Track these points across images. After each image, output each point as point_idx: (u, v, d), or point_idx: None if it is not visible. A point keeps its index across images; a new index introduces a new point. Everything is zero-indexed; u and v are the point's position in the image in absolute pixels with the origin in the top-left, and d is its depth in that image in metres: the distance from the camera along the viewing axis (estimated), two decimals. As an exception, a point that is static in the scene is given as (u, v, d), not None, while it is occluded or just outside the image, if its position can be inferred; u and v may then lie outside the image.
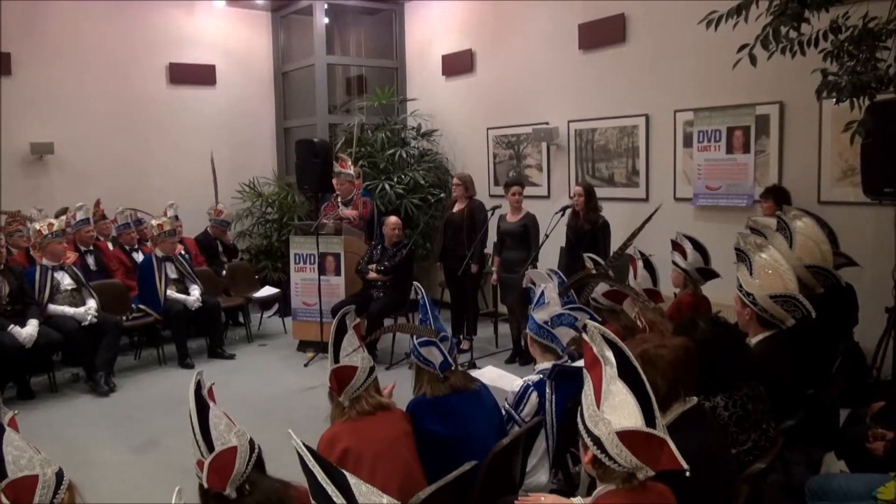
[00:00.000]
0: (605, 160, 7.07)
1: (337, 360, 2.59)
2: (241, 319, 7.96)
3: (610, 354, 1.75)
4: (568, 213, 6.31)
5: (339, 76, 9.69)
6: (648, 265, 4.31)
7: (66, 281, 6.18)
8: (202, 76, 9.00)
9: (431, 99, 8.96)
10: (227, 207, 8.31)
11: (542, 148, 7.68)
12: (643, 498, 1.73)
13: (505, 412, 3.06)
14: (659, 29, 6.44)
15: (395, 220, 6.82)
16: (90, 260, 6.95)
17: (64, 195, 7.71)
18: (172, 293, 6.74)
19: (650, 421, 1.66)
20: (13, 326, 5.56)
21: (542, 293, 3.23)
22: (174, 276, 6.85)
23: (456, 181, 6.93)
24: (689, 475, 1.62)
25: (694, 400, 2.25)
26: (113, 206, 7.55)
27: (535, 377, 3.07)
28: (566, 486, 2.89)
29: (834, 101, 3.67)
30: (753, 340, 3.19)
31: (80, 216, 6.96)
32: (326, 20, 9.02)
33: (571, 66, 7.26)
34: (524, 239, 6.42)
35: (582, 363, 1.82)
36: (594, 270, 4.02)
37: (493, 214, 6.60)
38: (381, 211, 7.69)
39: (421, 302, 2.94)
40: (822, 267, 3.91)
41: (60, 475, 1.70)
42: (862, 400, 3.55)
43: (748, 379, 2.66)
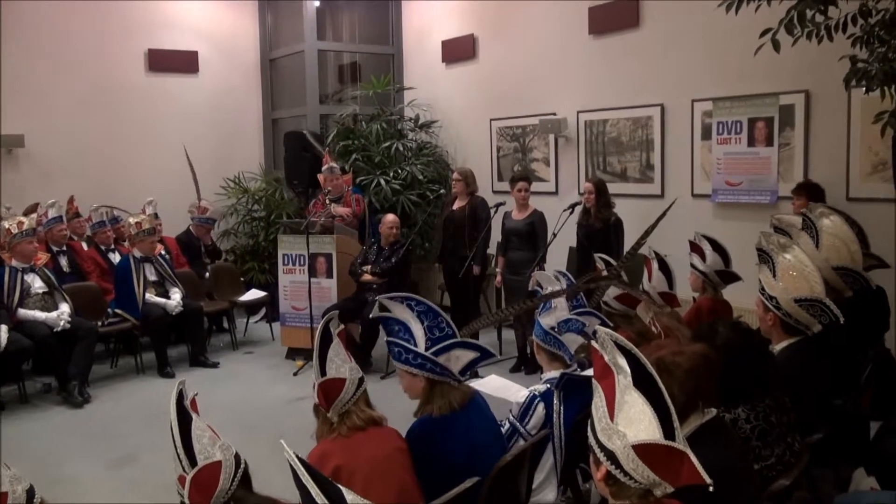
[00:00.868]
0: (617, 154, 7.07)
1: (324, 372, 2.55)
2: (225, 325, 7.96)
3: (623, 362, 1.74)
4: (577, 210, 6.32)
5: (330, 63, 9.70)
6: (664, 266, 4.31)
7: (37, 284, 6.17)
8: (183, 63, 9.00)
9: (430, 88, 8.96)
10: (211, 204, 8.32)
11: (549, 140, 7.68)
12: (660, 516, 1.73)
13: (510, 425, 3.06)
14: (675, 12, 6.44)
15: (392, 218, 6.83)
16: (63, 261, 6.96)
17: (35, 191, 7.71)
18: (151, 297, 6.74)
19: (669, 433, 1.66)
20: (-20, 332, 5.56)
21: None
22: (153, 278, 6.85)
23: (456, 176, 6.93)
24: (711, 490, 1.62)
25: (713, 412, 2.25)
26: (88, 202, 7.55)
27: (541, 387, 3.07)
28: (575, 504, 2.89)
29: (863, 90, 3.67)
30: (777, 348, 3.19)
31: (52, 214, 6.96)
32: (317, 3, 9.03)
33: (581, 52, 7.26)
34: (530, 238, 6.42)
35: (591, 372, 1.82)
36: (606, 272, 4.02)
37: (496, 212, 6.61)
38: (375, 208, 7.70)
39: (422, 308, 2.80)
40: (850, 268, 3.91)
41: (31, 493, 1.70)
42: (894, 411, 3.54)
43: (772, 389, 2.66)
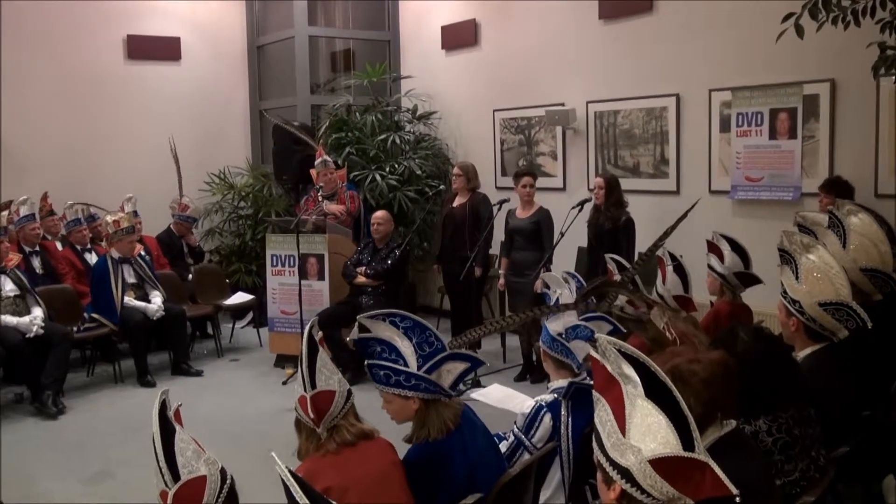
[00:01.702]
0: (629, 147, 7.08)
1: (314, 384, 2.52)
2: (209, 330, 7.96)
3: (631, 371, 1.73)
4: (586, 208, 6.32)
5: (322, 50, 9.70)
6: (679, 268, 4.31)
7: (8, 286, 6.17)
8: (165, 50, 9.00)
9: (429, 77, 8.96)
10: (193, 202, 8.32)
11: (556, 133, 7.68)
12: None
13: (514, 437, 3.06)
14: (691, -4, 6.45)
15: (381, 214, 6.81)
16: (36, 262, 6.96)
17: (5, 187, 7.69)
18: (131, 300, 6.74)
19: (688, 444, 1.65)
20: (-53, 339, 5.57)
21: (556, 300, 3.24)
22: (133, 280, 6.85)
23: (457, 171, 6.94)
24: (738, 501, 1.61)
25: (732, 423, 2.25)
26: (62, 199, 7.55)
27: (548, 397, 3.08)
28: (585, 522, 2.89)
29: (893, 78, 3.67)
30: (801, 355, 3.19)
31: (24, 211, 6.96)
32: (308, -14, 9.04)
33: (591, 38, 7.26)
34: (536, 238, 6.43)
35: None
36: (617, 276, 4.02)
37: (499, 209, 6.61)
38: (370, 206, 7.70)
39: (408, 324, 2.72)
40: (880, 270, 3.91)
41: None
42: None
43: (795, 399, 2.66)
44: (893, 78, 3.63)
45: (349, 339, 2.81)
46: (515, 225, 6.55)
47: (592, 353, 1.75)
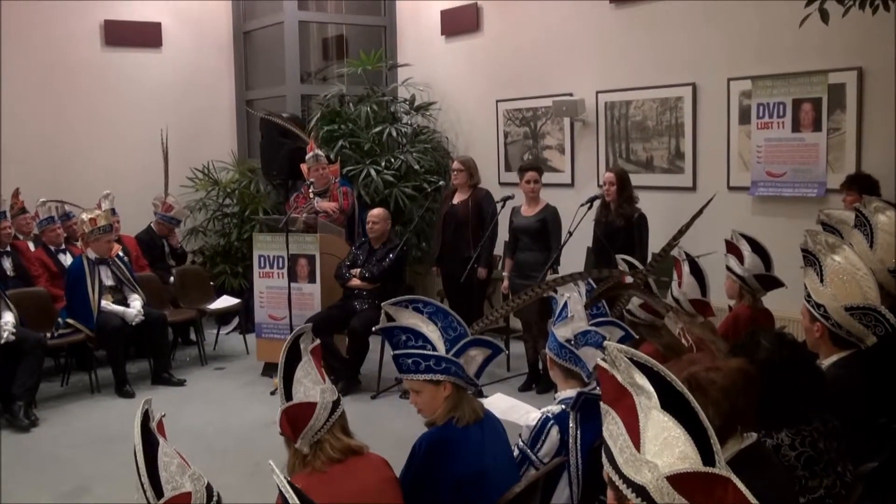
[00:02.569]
0: (642, 140, 7.08)
1: (289, 395, 2.51)
2: (192, 337, 7.97)
3: (644, 381, 1.72)
4: (596, 205, 6.32)
5: (313, 36, 9.71)
6: (696, 270, 4.31)
7: (-24, 289, 6.18)
8: (145, 37, 9.01)
9: (428, 65, 8.97)
10: (177, 202, 8.32)
11: (564, 125, 7.69)
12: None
13: (519, 451, 3.06)
14: (709, -22, 6.46)
15: (377, 212, 6.81)
16: (6, 263, 6.96)
17: (-26, 183, 7.73)
18: (108, 304, 6.74)
19: (708, 457, 1.65)
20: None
21: (564, 304, 3.24)
22: (110, 283, 6.85)
23: (457, 166, 6.95)
24: None
25: (753, 436, 2.25)
26: (34, 196, 7.56)
27: (555, 408, 3.08)
28: (595, 542, 2.90)
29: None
30: (826, 363, 3.19)
31: (-7, 209, 6.98)
32: (298, -33, 9.06)
33: (601, 23, 7.27)
34: (542, 237, 6.43)
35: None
36: (629, 277, 4.02)
37: (503, 207, 6.61)
38: (365, 203, 7.70)
39: (431, 309, 2.86)
40: (910, 272, 3.91)
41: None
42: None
43: (820, 410, 2.66)
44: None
45: (375, 328, 2.90)
46: (520, 223, 6.55)
47: (600, 362, 1.74)
